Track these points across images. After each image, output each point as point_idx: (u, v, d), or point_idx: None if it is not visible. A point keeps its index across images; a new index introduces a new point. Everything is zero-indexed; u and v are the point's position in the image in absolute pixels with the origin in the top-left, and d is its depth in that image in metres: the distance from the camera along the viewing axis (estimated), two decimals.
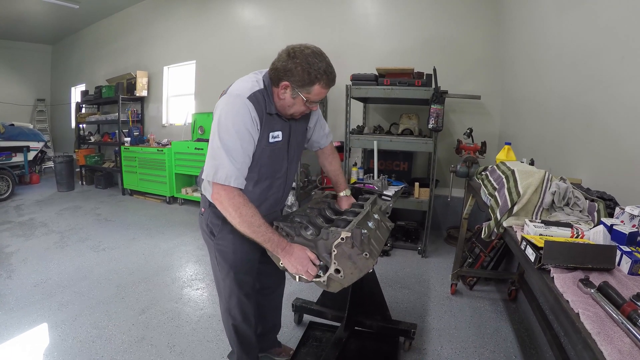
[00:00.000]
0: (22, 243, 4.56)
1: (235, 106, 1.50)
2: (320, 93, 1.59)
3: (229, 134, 1.47)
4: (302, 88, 1.54)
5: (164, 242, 4.69)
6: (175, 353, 2.52)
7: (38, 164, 8.56)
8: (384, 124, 5.33)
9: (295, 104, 1.61)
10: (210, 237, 1.80)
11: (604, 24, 2.30)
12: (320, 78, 1.54)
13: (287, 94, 1.57)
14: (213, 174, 1.47)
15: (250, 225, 1.49)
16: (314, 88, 1.55)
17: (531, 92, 3.62)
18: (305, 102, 1.60)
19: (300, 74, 1.50)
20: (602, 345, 0.84)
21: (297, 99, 1.58)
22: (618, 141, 2.08)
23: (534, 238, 1.36)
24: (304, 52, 1.52)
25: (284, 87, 1.55)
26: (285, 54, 1.54)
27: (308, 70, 1.50)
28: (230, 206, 1.49)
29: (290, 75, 1.52)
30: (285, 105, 1.62)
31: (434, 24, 5.15)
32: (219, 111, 1.52)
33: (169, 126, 7.95)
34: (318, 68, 1.52)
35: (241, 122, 1.49)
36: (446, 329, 2.84)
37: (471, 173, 3.14)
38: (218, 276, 1.93)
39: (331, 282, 1.54)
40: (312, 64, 1.51)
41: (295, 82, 1.53)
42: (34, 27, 9.23)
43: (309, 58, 1.51)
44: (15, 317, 2.90)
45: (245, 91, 1.53)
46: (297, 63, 1.50)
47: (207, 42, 7.09)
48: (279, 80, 1.55)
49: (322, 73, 1.53)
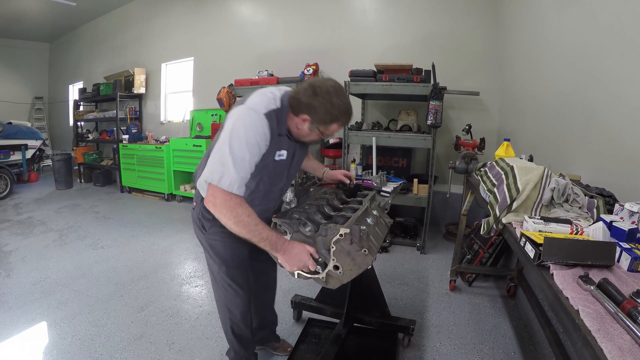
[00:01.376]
0: (20, 241, 4.55)
1: (250, 119, 1.52)
2: (337, 130, 1.68)
3: (240, 144, 1.47)
4: (321, 124, 1.62)
5: (162, 240, 4.68)
6: (174, 350, 2.51)
7: (36, 162, 8.53)
8: (382, 120, 5.33)
9: (311, 135, 1.69)
10: (202, 230, 1.81)
11: (603, 21, 2.29)
12: (340, 118, 1.62)
13: (305, 126, 1.63)
14: (218, 179, 1.46)
15: (246, 225, 1.48)
16: (331, 126, 1.63)
17: (530, 89, 3.61)
18: (321, 135, 1.69)
19: (322, 113, 1.57)
20: (602, 343, 0.83)
21: (314, 132, 1.66)
22: (617, 138, 2.08)
23: (533, 234, 1.35)
24: (329, 91, 1.56)
25: (304, 120, 1.61)
26: (310, 90, 1.57)
27: (330, 110, 1.56)
28: (224, 208, 1.48)
29: (313, 112, 1.57)
30: (301, 135, 1.69)
31: (433, 20, 5.14)
32: (234, 120, 1.52)
33: (167, 123, 7.94)
34: (339, 109, 1.58)
35: (253, 135, 1.50)
36: (445, 325, 2.84)
37: (470, 169, 3.14)
38: (213, 269, 1.96)
39: (330, 279, 1.54)
40: (335, 104, 1.56)
41: (315, 119, 1.59)
42: (32, 25, 9.18)
43: (333, 98, 1.56)
44: (14, 315, 2.89)
45: (262, 107, 1.55)
46: (321, 102, 1.55)
47: (205, 39, 7.07)
48: (299, 111, 1.60)
49: (342, 113, 1.61)
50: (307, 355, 2.42)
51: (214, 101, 5.48)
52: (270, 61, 6.11)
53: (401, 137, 4.29)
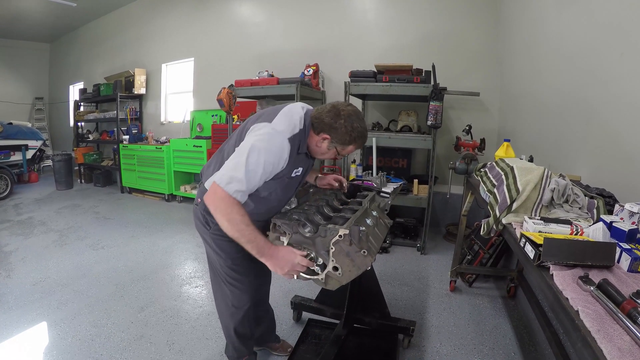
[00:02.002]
0: (21, 242, 4.55)
1: (274, 141, 1.57)
2: (352, 151, 1.79)
3: (257, 160, 1.52)
4: (340, 144, 1.72)
5: (162, 240, 4.68)
6: (174, 351, 2.51)
7: (37, 163, 8.54)
8: (382, 120, 5.33)
9: (328, 153, 1.78)
10: (206, 227, 1.85)
11: (603, 20, 2.29)
12: (358, 141, 1.73)
13: (324, 144, 1.72)
14: (226, 183, 1.50)
15: (237, 223, 1.51)
16: (349, 147, 1.74)
17: (530, 89, 3.61)
18: (337, 154, 1.79)
19: (342, 133, 1.67)
20: (602, 343, 0.83)
21: (331, 151, 1.76)
22: (617, 138, 2.08)
23: (533, 235, 1.35)
24: (350, 115, 1.67)
25: (323, 139, 1.70)
26: (334, 112, 1.67)
27: (351, 132, 1.67)
28: (222, 203, 1.51)
29: (334, 132, 1.67)
30: (319, 152, 1.78)
31: (433, 20, 5.14)
32: (259, 136, 1.56)
33: (167, 124, 7.94)
34: (358, 132, 1.69)
35: (272, 157, 1.56)
36: (445, 326, 2.84)
37: (470, 170, 3.14)
38: (215, 263, 1.98)
39: (329, 280, 1.54)
40: (355, 128, 1.67)
41: (335, 138, 1.69)
42: (32, 26, 9.20)
43: (354, 122, 1.67)
44: (15, 315, 2.89)
45: (288, 131, 1.62)
46: (342, 124, 1.65)
47: (205, 39, 7.07)
48: (321, 130, 1.69)
49: (360, 137, 1.72)
50: (307, 356, 2.41)
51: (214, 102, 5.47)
52: (270, 62, 6.11)
53: (401, 138, 4.29)
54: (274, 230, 1.64)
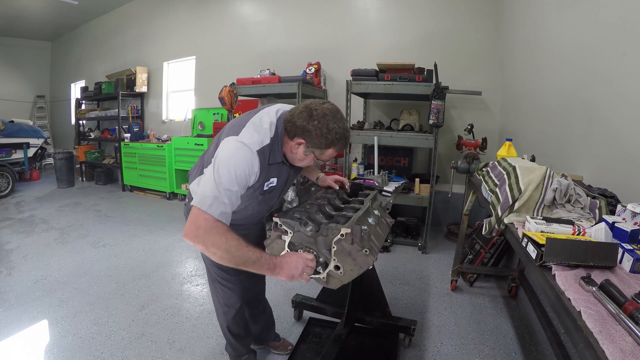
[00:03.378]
0: (22, 240, 4.56)
1: (242, 154, 1.47)
2: (332, 155, 1.64)
3: (230, 177, 1.44)
4: (316, 149, 1.57)
5: (164, 238, 4.68)
6: (175, 349, 2.52)
7: (38, 161, 8.53)
8: (384, 119, 5.32)
9: (306, 160, 1.64)
10: None
11: (605, 19, 2.28)
12: (337, 143, 1.56)
13: (300, 150, 1.59)
14: (209, 205, 1.39)
15: (238, 248, 1.41)
16: (327, 151, 1.59)
17: (532, 88, 3.60)
18: (316, 160, 1.65)
19: (317, 137, 1.52)
20: (604, 344, 0.83)
21: (309, 157, 1.62)
22: (620, 138, 2.07)
23: (535, 235, 1.35)
24: (325, 115, 1.52)
25: (298, 144, 1.57)
26: (306, 113, 1.53)
27: (326, 135, 1.52)
28: (211, 237, 1.38)
29: (308, 136, 1.53)
30: (296, 159, 1.65)
31: (434, 20, 5.12)
32: (227, 152, 1.48)
33: (168, 122, 7.94)
34: (336, 133, 1.53)
35: (242, 171, 1.46)
36: (446, 326, 2.84)
37: (472, 169, 3.13)
38: (207, 263, 1.97)
39: (331, 279, 1.54)
40: (331, 129, 1.52)
41: (311, 143, 1.55)
42: (34, 24, 9.19)
43: (329, 123, 1.52)
44: (16, 313, 2.90)
45: (256, 144, 1.51)
46: (316, 126, 1.51)
47: (206, 38, 7.07)
48: (294, 135, 1.56)
49: (338, 138, 1.55)
50: (308, 355, 2.42)
51: (215, 100, 5.46)
52: (272, 60, 6.11)
53: (403, 137, 4.28)
54: (275, 229, 1.63)
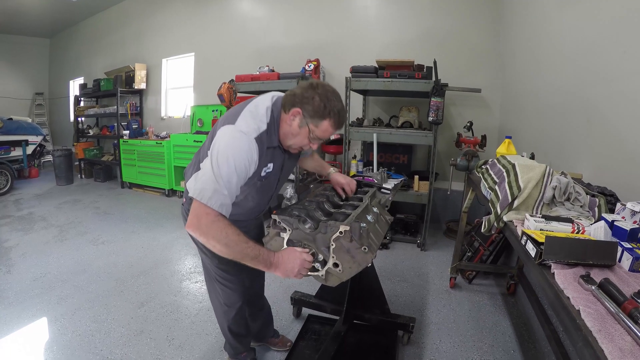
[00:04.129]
0: (21, 237, 4.56)
1: (241, 143, 1.47)
2: (326, 131, 1.60)
3: (229, 167, 1.43)
4: (312, 119, 1.55)
5: (163, 235, 4.68)
6: (174, 346, 2.52)
7: (37, 158, 8.52)
8: (383, 116, 5.31)
9: (299, 135, 1.61)
10: None
11: (605, 17, 2.27)
12: (333, 115, 1.56)
13: (296, 121, 1.57)
14: (208, 198, 1.40)
15: (237, 243, 1.43)
16: (323, 123, 1.56)
17: (531, 86, 3.59)
18: (309, 135, 1.60)
19: (316, 104, 1.52)
20: (603, 343, 0.83)
21: (303, 129, 1.58)
22: (619, 136, 2.07)
23: (535, 233, 1.35)
24: (326, 88, 1.56)
25: (295, 114, 1.56)
26: (307, 84, 1.57)
27: (324, 103, 1.52)
28: (212, 229, 1.41)
29: (306, 103, 1.53)
30: (289, 133, 1.61)
31: (434, 16, 5.11)
32: (224, 142, 1.47)
33: (167, 119, 7.93)
34: (334, 105, 1.55)
35: (242, 160, 1.46)
36: (445, 323, 2.84)
37: (471, 166, 3.13)
38: (206, 263, 1.97)
39: (329, 276, 1.53)
40: (330, 99, 1.54)
41: (307, 111, 1.54)
42: (32, 21, 9.16)
43: (329, 94, 1.54)
44: (15, 311, 2.90)
45: (253, 131, 1.51)
46: (317, 93, 1.53)
47: (205, 34, 7.05)
48: (292, 105, 1.56)
49: (335, 112, 1.56)
50: (307, 352, 2.42)
51: (214, 97, 5.45)
52: (271, 57, 6.09)
53: (402, 134, 4.27)
54: (274, 227, 1.62)
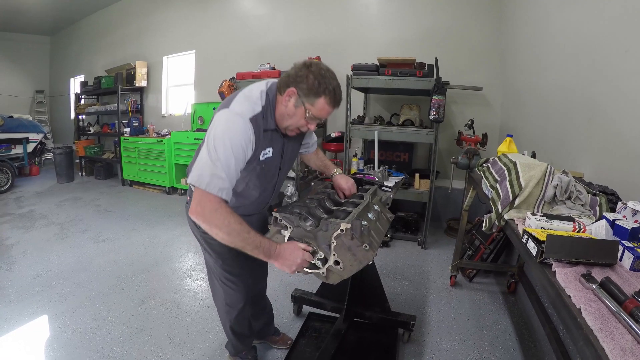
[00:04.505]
0: (22, 235, 4.56)
1: (236, 125, 1.47)
2: (323, 109, 1.57)
3: (226, 149, 1.44)
4: (307, 98, 1.53)
5: (163, 233, 4.69)
6: (174, 344, 2.52)
7: (37, 156, 8.52)
8: (384, 114, 5.31)
9: (295, 115, 1.59)
10: (196, 226, 1.77)
11: (608, 16, 2.26)
12: (328, 93, 1.54)
13: (291, 101, 1.56)
14: (207, 183, 1.41)
15: (239, 233, 1.43)
16: (318, 101, 1.54)
17: (533, 84, 3.58)
18: (306, 115, 1.58)
19: (310, 82, 1.51)
20: (604, 342, 0.83)
21: (299, 109, 1.57)
22: (621, 135, 2.06)
23: (536, 231, 1.34)
24: (320, 66, 1.54)
25: (290, 94, 1.54)
26: (301, 63, 1.56)
27: (319, 80, 1.51)
28: (213, 217, 1.42)
29: (300, 81, 1.52)
30: (285, 114, 1.60)
31: (435, 14, 5.10)
32: (219, 126, 1.48)
33: (168, 116, 7.93)
34: (328, 83, 1.53)
35: (239, 141, 1.47)
36: (445, 321, 2.84)
37: (472, 165, 3.12)
38: (210, 263, 1.96)
39: (330, 274, 1.53)
40: (324, 77, 1.52)
41: (302, 89, 1.52)
42: (32, 19, 9.14)
43: (323, 72, 1.53)
44: (16, 309, 2.91)
45: (248, 112, 1.51)
46: (311, 71, 1.51)
47: (206, 32, 7.04)
48: (287, 86, 1.55)
49: (330, 89, 1.54)
50: (308, 350, 2.42)
51: (215, 94, 5.46)
52: (272, 54, 6.09)
53: (403, 132, 4.27)
54: (275, 224, 1.62)
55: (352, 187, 2.07)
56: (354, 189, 2.09)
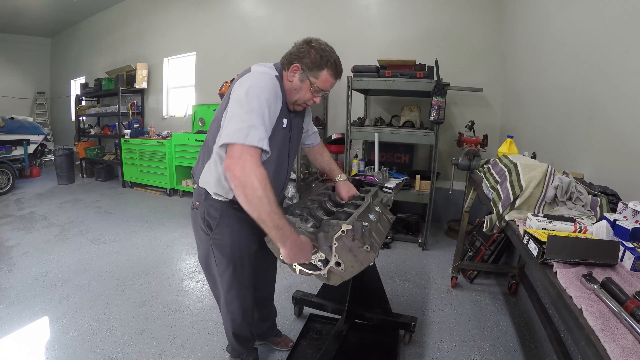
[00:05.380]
0: (22, 236, 4.56)
1: (265, 79, 1.54)
2: (327, 81, 1.66)
3: (260, 99, 1.45)
4: (311, 72, 1.62)
5: (164, 235, 4.69)
6: (175, 345, 2.52)
7: (38, 157, 8.53)
8: (385, 115, 5.31)
9: (302, 89, 1.66)
10: (207, 231, 1.73)
11: (608, 16, 2.27)
12: (330, 65, 1.63)
13: (296, 77, 1.64)
14: (245, 136, 1.34)
15: (270, 202, 1.35)
16: (322, 73, 1.63)
17: (533, 85, 3.59)
18: (312, 88, 1.65)
19: (312, 56, 1.60)
20: (606, 342, 0.83)
21: (305, 83, 1.64)
22: (621, 136, 2.06)
23: (537, 232, 1.35)
24: (320, 42, 1.66)
25: (294, 70, 1.63)
26: (302, 41, 1.67)
27: (321, 54, 1.61)
28: (254, 174, 1.33)
29: (303, 57, 1.61)
30: (292, 89, 1.67)
31: (435, 15, 5.10)
32: (248, 83, 1.49)
33: (169, 118, 7.93)
34: (330, 56, 1.63)
35: (270, 94, 1.50)
36: (446, 322, 2.84)
37: (473, 166, 3.13)
38: (214, 272, 1.87)
39: (332, 275, 1.54)
40: (327, 51, 1.63)
41: (306, 64, 1.61)
42: (33, 20, 9.15)
43: (324, 47, 1.64)
44: (16, 310, 2.90)
45: (272, 72, 1.61)
46: (312, 47, 1.62)
47: (207, 33, 7.04)
48: (290, 63, 1.63)
49: (332, 62, 1.64)
50: (309, 351, 2.42)
51: (216, 96, 5.47)
52: (272, 55, 5.95)
53: (404, 133, 4.27)
54: None
55: (352, 197, 2.04)
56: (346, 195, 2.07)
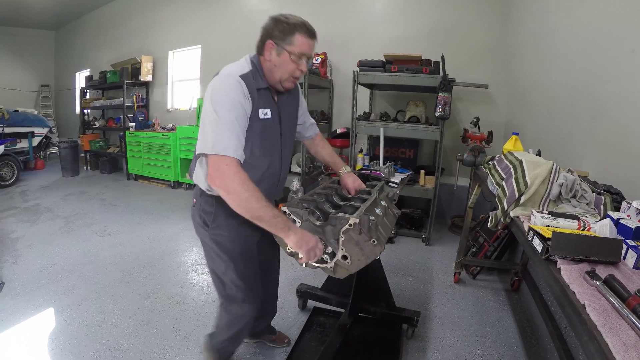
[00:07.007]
0: (27, 228, 4.60)
1: (227, 83, 1.50)
2: (304, 44, 1.60)
3: (224, 108, 1.45)
4: (284, 41, 1.57)
5: (168, 227, 4.72)
6: (180, 337, 2.55)
7: (43, 150, 8.55)
8: (390, 110, 5.31)
9: (283, 63, 1.61)
10: (204, 227, 1.72)
11: (614, 15, 2.26)
12: (300, 28, 1.58)
13: (273, 53, 1.60)
14: (212, 146, 1.40)
15: (259, 199, 1.41)
16: (295, 38, 1.57)
17: (538, 82, 3.58)
18: (291, 57, 1.59)
19: (280, 27, 1.57)
20: (608, 337, 0.84)
21: (283, 55, 1.59)
22: (626, 135, 2.06)
23: (541, 229, 1.35)
24: (282, 13, 1.61)
25: (269, 48, 1.60)
26: (269, 19, 1.62)
27: (286, 21, 1.57)
28: (234, 181, 1.40)
29: (272, 31, 1.58)
30: (273, 67, 1.62)
31: (440, 12, 5.08)
32: (211, 90, 1.51)
33: (174, 111, 7.95)
34: (296, 20, 1.59)
35: (234, 97, 1.48)
36: (449, 317, 2.86)
37: (478, 162, 3.13)
38: (219, 270, 1.82)
39: (338, 268, 1.55)
40: (289, 17, 1.59)
41: (277, 36, 1.57)
42: (37, 13, 9.16)
43: (288, 15, 1.60)
44: (22, 302, 2.93)
45: (237, 71, 1.55)
46: (275, 19, 1.59)
47: (212, 27, 7.04)
48: (263, 45, 1.61)
49: (300, 23, 1.58)
50: (312, 344, 2.45)
51: None
52: None
53: (409, 128, 4.27)
54: None
55: (358, 187, 2.03)
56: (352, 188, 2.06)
